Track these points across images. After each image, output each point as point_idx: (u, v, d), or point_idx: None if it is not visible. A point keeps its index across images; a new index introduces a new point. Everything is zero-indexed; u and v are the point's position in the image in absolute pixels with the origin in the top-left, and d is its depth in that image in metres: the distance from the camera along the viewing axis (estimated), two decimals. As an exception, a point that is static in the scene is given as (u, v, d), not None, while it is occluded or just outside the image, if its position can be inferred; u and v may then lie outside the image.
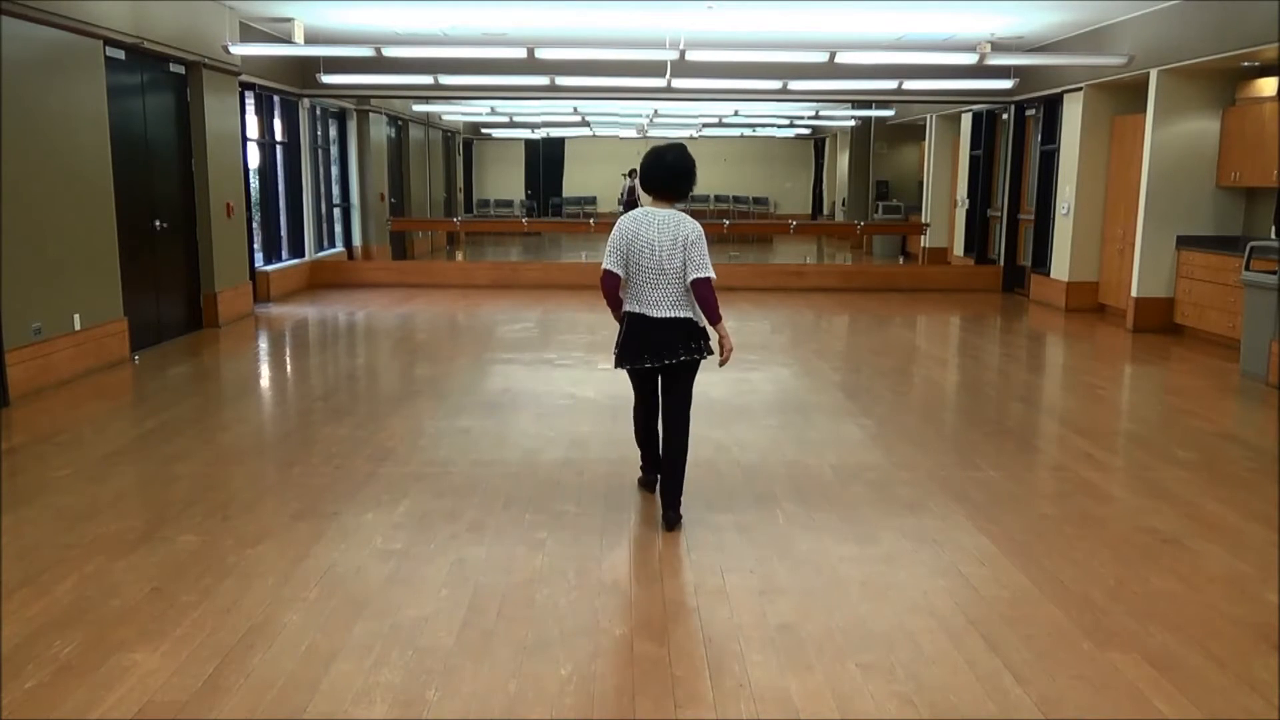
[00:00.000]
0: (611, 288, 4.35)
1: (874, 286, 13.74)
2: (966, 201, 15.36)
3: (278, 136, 12.58)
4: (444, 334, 10.02)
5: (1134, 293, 10.06)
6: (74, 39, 7.30)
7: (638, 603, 3.61)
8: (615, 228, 4.34)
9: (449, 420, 6.28)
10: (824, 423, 6.33)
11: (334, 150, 14.89)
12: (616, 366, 4.44)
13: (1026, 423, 6.63)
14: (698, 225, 4.30)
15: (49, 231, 7.04)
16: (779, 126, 21.53)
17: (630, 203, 21.18)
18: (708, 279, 4.24)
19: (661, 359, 4.31)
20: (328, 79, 11.85)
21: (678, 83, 11.59)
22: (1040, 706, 2.92)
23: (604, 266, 4.33)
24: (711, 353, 4.39)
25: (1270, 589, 3.78)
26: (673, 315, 4.27)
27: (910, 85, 12.14)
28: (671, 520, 4.35)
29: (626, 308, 4.35)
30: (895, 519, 4.52)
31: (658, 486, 4.56)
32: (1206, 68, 9.14)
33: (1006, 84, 11.80)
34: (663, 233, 4.24)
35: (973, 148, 14.98)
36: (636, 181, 21.16)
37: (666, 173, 4.32)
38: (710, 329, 4.36)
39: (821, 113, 18.37)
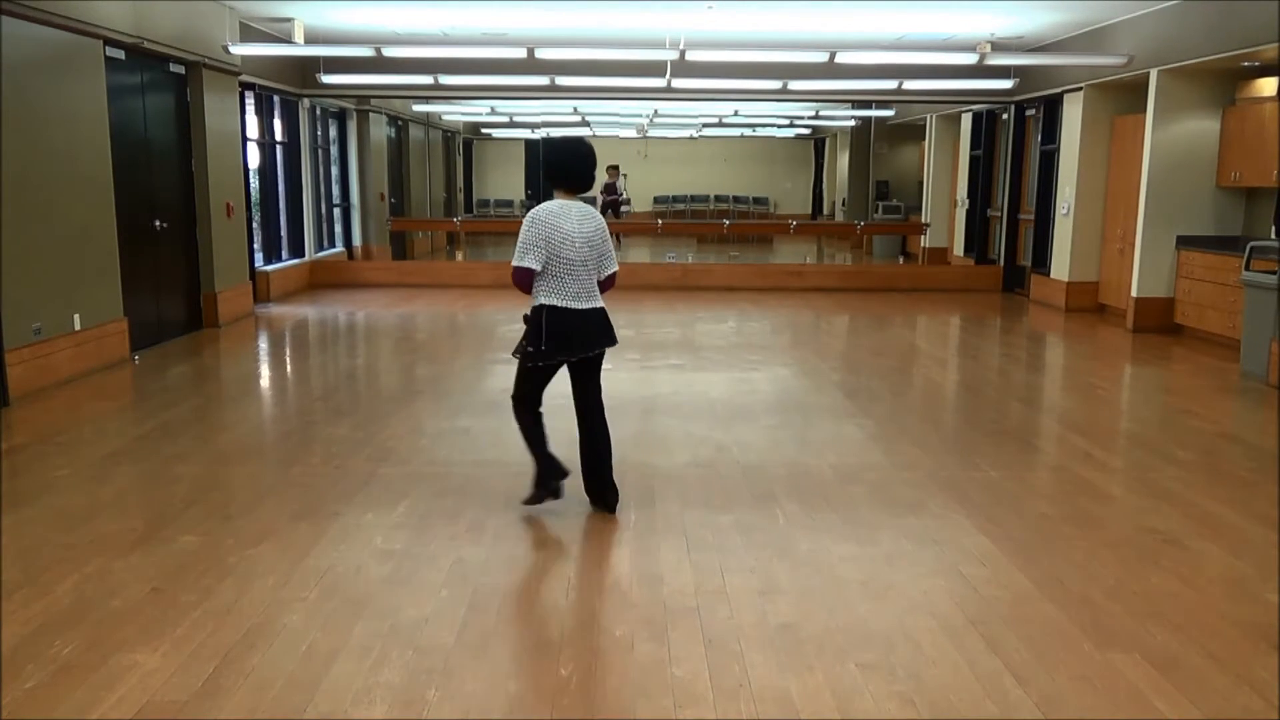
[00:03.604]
0: (527, 286, 4.30)
1: (874, 287, 13.73)
2: (966, 201, 15.35)
3: (278, 136, 12.58)
4: (444, 334, 10.02)
5: (1134, 293, 10.06)
6: (74, 39, 7.30)
7: (638, 603, 3.61)
8: (530, 222, 4.27)
9: (449, 420, 6.27)
10: (824, 423, 6.33)
11: (334, 150, 14.88)
12: (540, 362, 4.32)
13: (1027, 423, 6.63)
14: (604, 219, 4.47)
15: (49, 231, 7.04)
16: (779, 126, 21.53)
17: (608, 202, 20.87)
18: (616, 272, 4.47)
19: (587, 350, 4.38)
20: (328, 79, 11.85)
21: (678, 83, 11.59)
22: (1040, 706, 2.92)
23: (520, 264, 4.23)
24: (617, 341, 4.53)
25: (1270, 589, 3.78)
26: (594, 306, 4.37)
27: (910, 85, 12.14)
28: (614, 504, 4.52)
29: (545, 301, 4.28)
30: (895, 519, 4.52)
31: (590, 480, 4.55)
32: (1206, 68, 9.14)
33: (1006, 84, 11.80)
34: (582, 225, 4.31)
35: (973, 148, 14.98)
36: (619, 180, 21.18)
37: (582, 162, 4.39)
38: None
39: (821, 113, 18.36)
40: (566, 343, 4.31)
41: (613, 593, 3.70)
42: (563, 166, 4.36)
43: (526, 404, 4.49)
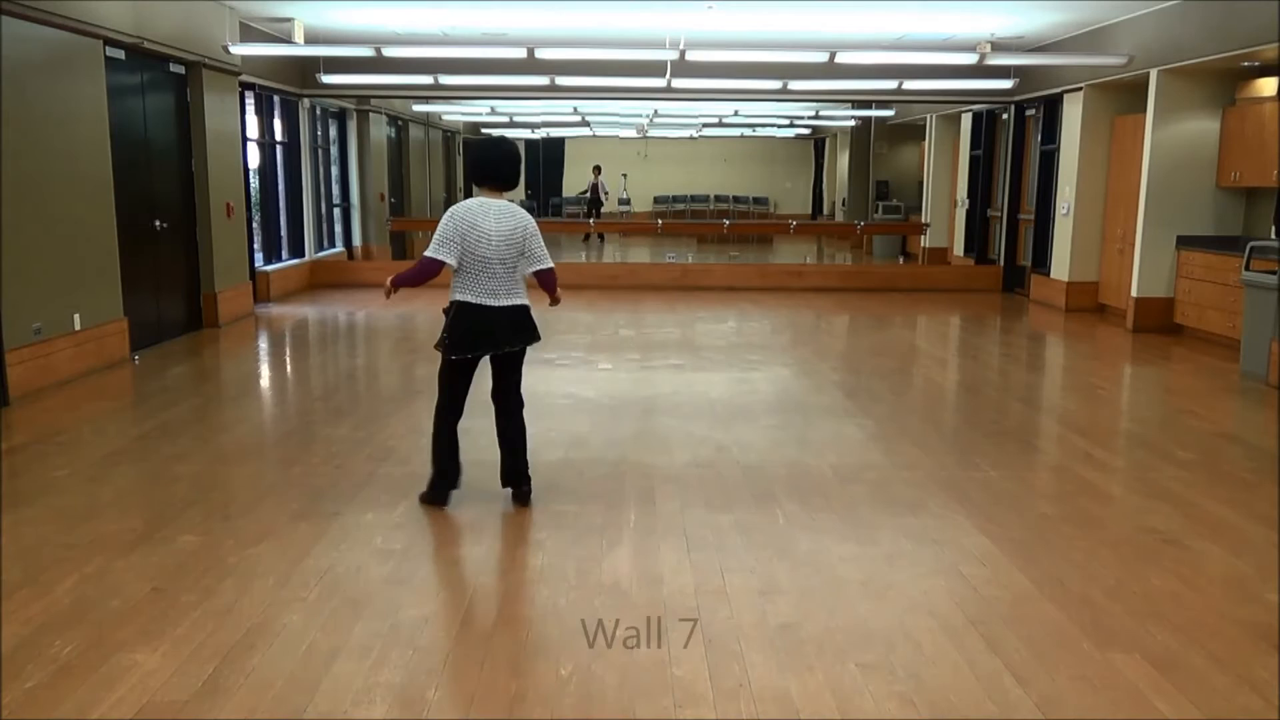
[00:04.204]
0: (431, 273, 4.36)
1: (874, 287, 13.73)
2: (966, 201, 15.36)
3: (278, 136, 12.58)
4: (444, 334, 10.01)
5: (1134, 293, 10.06)
6: (74, 39, 7.30)
7: (638, 603, 3.61)
8: (449, 217, 4.36)
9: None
10: (824, 423, 6.33)
11: (334, 150, 14.88)
12: (452, 355, 4.43)
13: (1026, 423, 6.63)
14: (531, 217, 4.49)
15: (49, 231, 7.04)
16: (779, 126, 21.55)
17: (594, 200, 21.71)
18: (553, 269, 4.55)
19: (500, 347, 4.43)
20: (328, 79, 11.85)
21: (678, 83, 11.59)
22: (1040, 706, 2.92)
23: (434, 255, 4.31)
24: (540, 338, 4.61)
25: (1270, 589, 3.78)
26: (511, 304, 4.42)
27: (910, 85, 12.14)
28: (527, 494, 4.61)
29: (459, 297, 4.38)
30: (895, 519, 4.52)
31: (506, 470, 4.65)
32: (1206, 68, 9.14)
33: (1006, 84, 11.80)
34: (500, 223, 4.34)
35: (973, 148, 14.98)
36: (601, 178, 22.07)
37: (508, 163, 4.42)
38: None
39: (821, 113, 18.37)
40: (475, 339, 4.39)
41: (613, 593, 3.70)
42: (484, 165, 4.43)
43: (448, 411, 4.56)
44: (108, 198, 7.81)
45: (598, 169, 22.21)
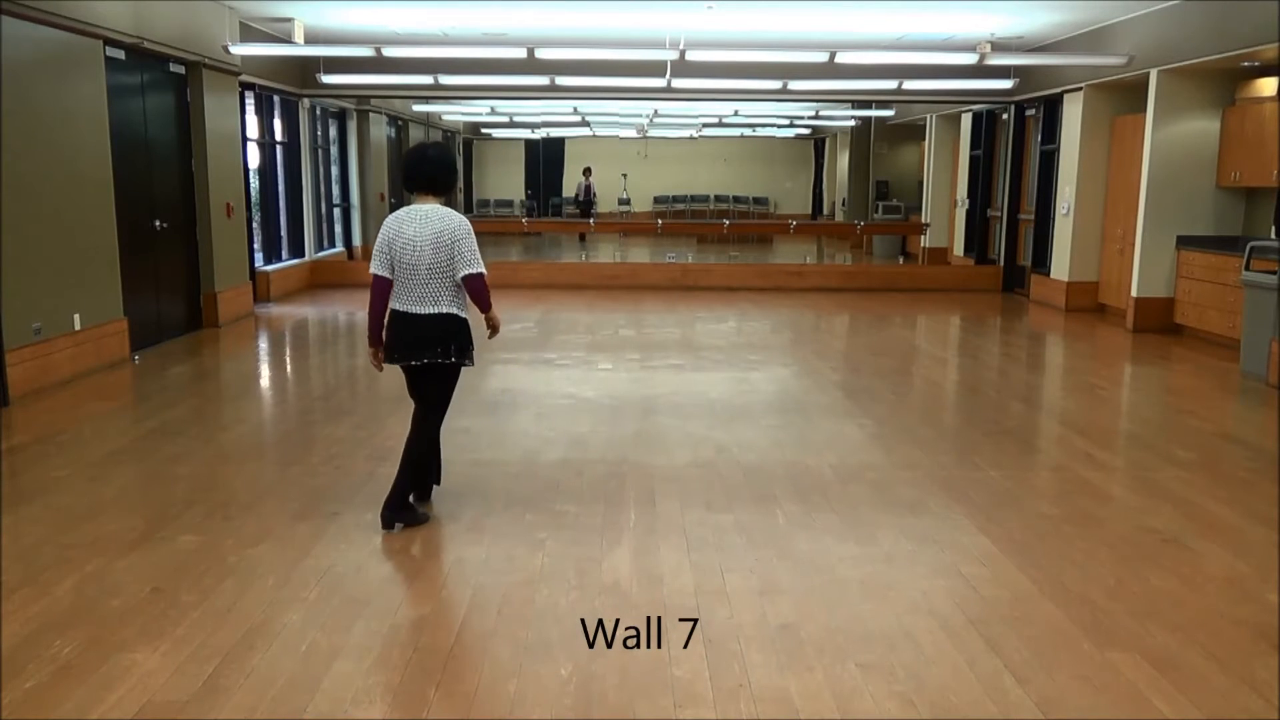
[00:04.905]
0: (380, 292, 4.27)
1: (874, 286, 13.73)
2: (966, 201, 15.36)
3: (278, 136, 12.58)
4: (444, 334, 10.01)
5: (1134, 293, 10.06)
6: (74, 39, 7.30)
7: (638, 603, 3.61)
8: (380, 228, 4.33)
9: (448, 420, 6.21)
10: (824, 423, 6.33)
11: (334, 150, 14.89)
12: (385, 362, 4.40)
13: (1026, 423, 6.63)
14: (464, 221, 4.32)
15: (49, 231, 7.04)
16: (779, 126, 21.55)
17: (586, 201, 21.87)
18: (479, 274, 4.26)
19: (422, 357, 4.27)
20: (328, 79, 11.85)
21: (678, 83, 11.59)
22: (1040, 706, 2.92)
23: (371, 270, 4.28)
24: (473, 363, 4.42)
25: (1270, 589, 3.78)
26: (435, 312, 4.25)
27: (910, 85, 12.14)
28: (389, 519, 4.29)
29: (392, 305, 4.30)
30: (895, 519, 4.52)
31: (398, 480, 4.40)
32: (1206, 68, 9.14)
33: (1006, 84, 11.80)
34: (424, 228, 4.22)
35: (973, 148, 14.98)
36: (591, 180, 22.30)
37: (431, 167, 4.34)
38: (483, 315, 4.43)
39: (821, 113, 18.37)
40: (398, 348, 4.30)
41: (613, 593, 3.70)
42: (405, 169, 4.38)
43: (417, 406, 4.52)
44: (108, 198, 7.81)
45: (587, 171, 22.38)
